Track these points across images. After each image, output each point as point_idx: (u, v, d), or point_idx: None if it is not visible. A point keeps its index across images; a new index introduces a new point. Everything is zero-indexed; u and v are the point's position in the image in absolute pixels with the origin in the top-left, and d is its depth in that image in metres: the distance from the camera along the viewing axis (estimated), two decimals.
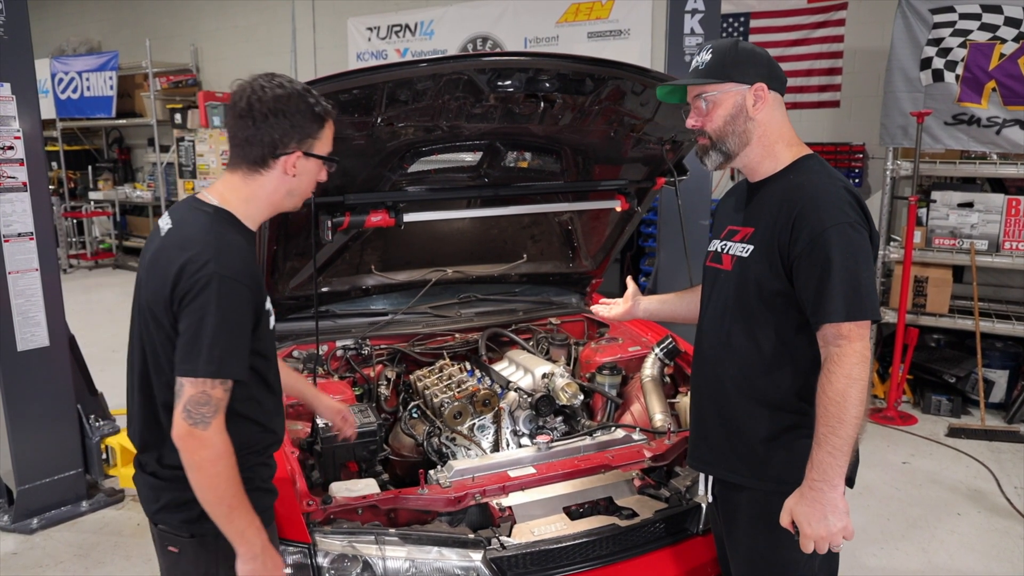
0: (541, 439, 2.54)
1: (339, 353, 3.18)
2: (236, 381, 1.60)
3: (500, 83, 2.33)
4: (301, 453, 2.49)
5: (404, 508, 2.23)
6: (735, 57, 1.81)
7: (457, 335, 3.36)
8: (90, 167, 11.98)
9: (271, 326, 1.80)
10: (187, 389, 1.53)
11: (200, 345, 1.53)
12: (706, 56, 1.84)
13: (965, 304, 5.48)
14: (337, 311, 3.32)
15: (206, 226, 1.64)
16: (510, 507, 2.24)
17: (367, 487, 2.28)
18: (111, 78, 10.77)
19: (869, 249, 1.72)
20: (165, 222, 1.72)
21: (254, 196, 1.72)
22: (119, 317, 8.14)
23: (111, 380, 6.25)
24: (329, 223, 2.54)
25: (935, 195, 5.32)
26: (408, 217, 2.73)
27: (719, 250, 1.96)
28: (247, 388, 1.69)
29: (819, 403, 1.66)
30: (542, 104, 2.51)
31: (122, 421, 4.29)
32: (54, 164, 11.94)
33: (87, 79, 10.99)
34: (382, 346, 3.26)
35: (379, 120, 2.33)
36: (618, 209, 3.08)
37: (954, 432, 4.96)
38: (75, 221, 11.11)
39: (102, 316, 8.21)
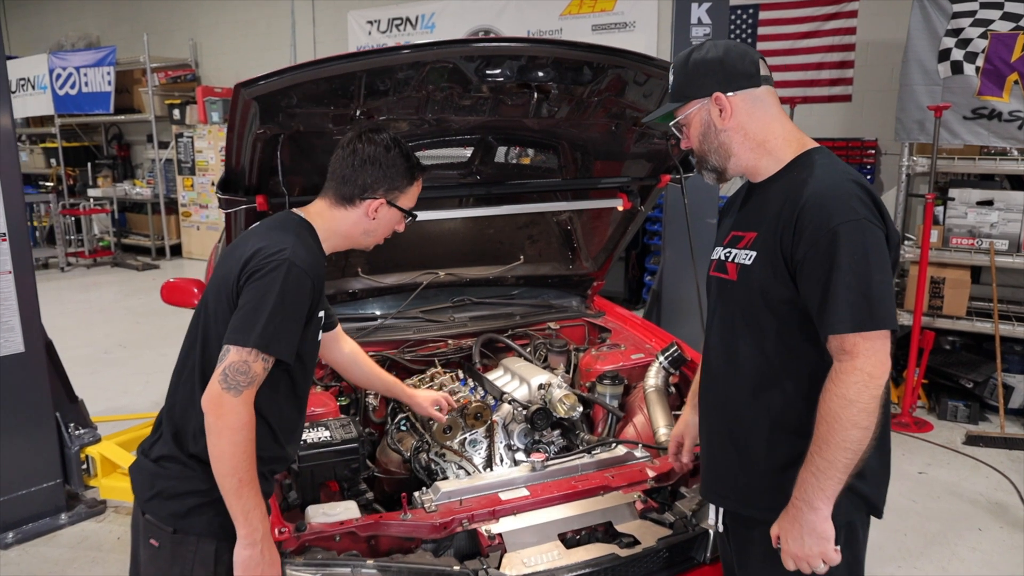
0: (536, 457, 2.36)
1: (324, 361, 3.00)
2: (276, 365, 1.68)
3: (490, 72, 2.14)
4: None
5: (385, 535, 2.06)
6: (687, 72, 1.72)
7: (450, 341, 3.19)
8: (89, 164, 11.92)
9: (318, 337, 1.90)
10: (231, 355, 1.62)
11: (258, 318, 1.63)
12: (671, 77, 1.77)
13: (984, 306, 5.27)
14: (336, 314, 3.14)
15: (289, 227, 1.82)
16: (500, 534, 2.08)
17: (346, 511, 2.11)
18: (109, 73, 10.68)
19: (884, 249, 1.54)
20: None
21: (334, 225, 1.89)
22: (115, 316, 8.02)
23: (103, 383, 6.14)
24: None
25: (953, 193, 5.11)
26: None
27: (723, 258, 1.80)
28: (275, 389, 1.74)
29: (816, 419, 1.53)
30: (536, 95, 2.32)
31: (104, 429, 4.14)
32: (53, 161, 11.90)
33: (85, 74, 10.89)
34: (370, 353, 3.07)
35: (358, 112, 2.14)
36: (620, 208, 2.89)
37: (972, 440, 4.76)
38: (73, 219, 10.97)
39: (98, 315, 8.07)
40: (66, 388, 3.86)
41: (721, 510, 1.85)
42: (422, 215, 2.70)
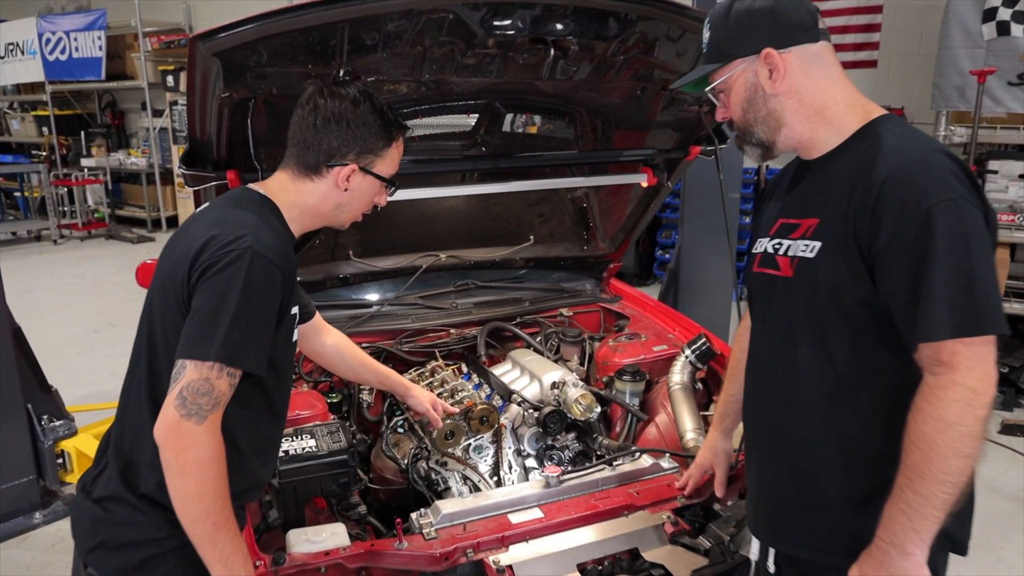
0: (550, 471, 2.07)
1: (304, 356, 2.71)
2: (245, 378, 1.40)
3: (498, 23, 1.80)
4: None
5: (378, 567, 1.78)
6: (729, 25, 1.44)
7: (452, 330, 2.89)
8: (83, 132, 11.58)
9: (293, 337, 1.62)
10: (188, 373, 1.33)
11: (217, 324, 1.34)
12: (705, 34, 1.49)
13: (1021, 286, 4.96)
14: (312, 302, 2.83)
15: (247, 207, 1.50)
16: (510, 566, 1.80)
17: (333, 537, 1.85)
18: (100, 38, 10.38)
19: (985, 234, 1.27)
20: (203, 206, 1.58)
21: (300, 201, 1.59)
22: (106, 291, 7.75)
23: (89, 364, 5.86)
24: None
25: (993, 165, 4.76)
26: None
27: (771, 251, 1.50)
28: (245, 406, 1.47)
29: (903, 445, 1.27)
30: (552, 52, 1.98)
31: (81, 419, 3.88)
32: (44, 129, 11.58)
33: (75, 39, 10.58)
34: (364, 344, 2.78)
35: (341, 72, 1.81)
36: (644, 185, 2.56)
37: (1008, 428, 4.50)
38: (66, 189, 10.65)
39: (89, 291, 7.80)
40: (38, 377, 3.58)
41: (772, 549, 1.56)
42: (420, 193, 2.40)
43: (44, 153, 11.40)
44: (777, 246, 1.50)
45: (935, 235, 1.21)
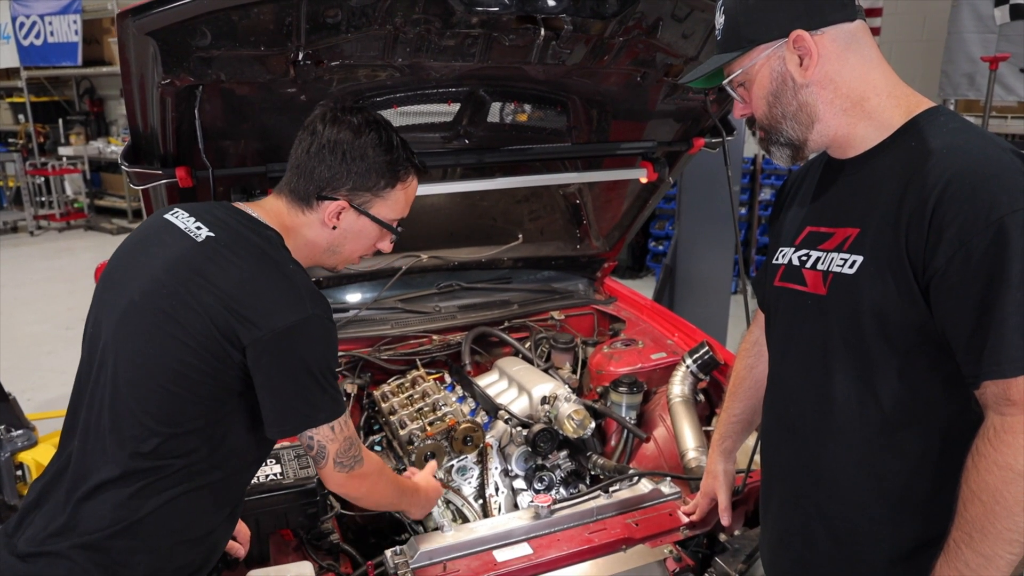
0: (540, 501, 1.86)
1: None
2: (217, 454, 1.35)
3: None
4: None
5: None
6: (749, 6, 1.23)
7: (435, 336, 2.68)
8: (60, 120, 11.27)
9: None
10: (330, 447, 1.40)
11: (324, 386, 1.35)
12: (719, 18, 1.28)
13: None
14: None
15: (276, 256, 1.36)
16: None
17: None
18: (75, 22, 10.06)
19: None
20: (191, 224, 1.38)
21: (299, 234, 1.45)
22: (83, 286, 7.47)
23: (59, 364, 5.59)
24: None
25: None
26: None
27: (796, 263, 1.31)
28: (213, 466, 1.35)
29: (960, 495, 1.10)
30: (543, 33, 1.76)
31: (44, 427, 3.65)
32: (21, 117, 11.26)
33: (50, 23, 10.26)
34: (339, 352, 2.57)
35: (300, 56, 1.58)
36: (643, 180, 2.35)
37: None
38: (43, 179, 10.34)
39: (62, 285, 7.53)
40: None
41: None
42: None
43: (20, 142, 11.13)
44: (804, 258, 1.30)
45: (1009, 251, 1.02)
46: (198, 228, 1.37)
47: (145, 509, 1.28)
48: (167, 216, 1.41)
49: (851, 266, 1.19)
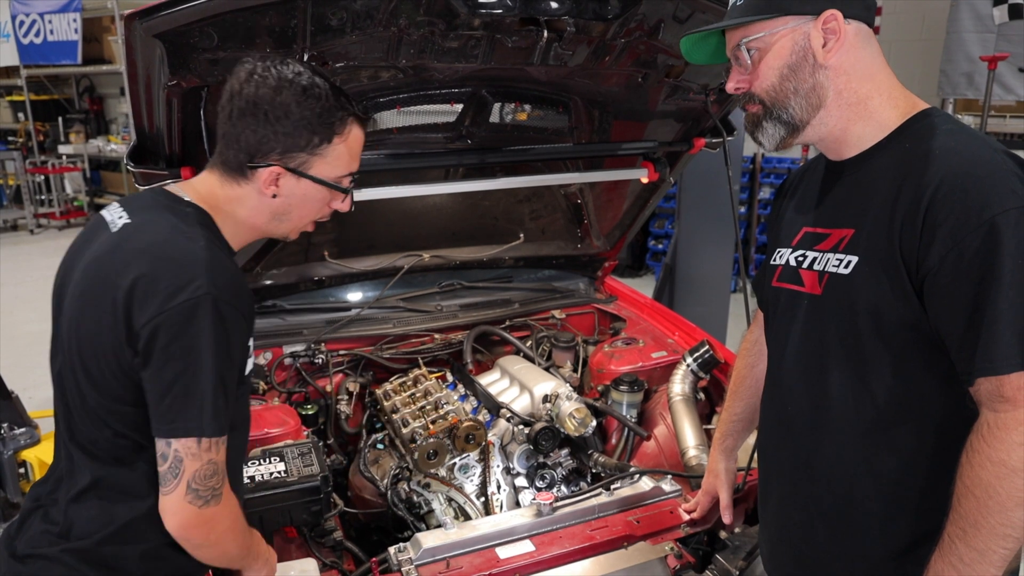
0: (542, 499, 1.88)
1: (287, 361, 2.51)
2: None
3: (484, 1, 1.59)
4: None
5: None
6: None
7: (437, 335, 2.69)
8: (60, 118, 11.26)
9: (248, 367, 1.33)
10: (187, 463, 1.18)
11: (200, 395, 1.16)
12: None
13: None
14: (286, 306, 2.63)
15: (187, 231, 1.24)
16: None
17: (303, 575, 1.65)
18: (75, 20, 10.03)
19: None
20: (116, 214, 1.31)
21: (232, 210, 1.33)
22: None
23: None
24: None
25: None
26: (361, 195, 2.01)
27: (793, 263, 1.33)
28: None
29: (955, 491, 1.12)
30: (545, 35, 1.77)
31: (46, 425, 3.66)
32: (20, 115, 11.24)
33: (50, 21, 10.23)
34: (341, 351, 2.59)
35: (304, 57, 1.60)
36: (644, 180, 2.36)
37: None
38: (43, 177, 10.34)
39: None
40: None
41: None
42: (398, 192, 2.19)
43: (20, 140, 11.11)
44: (801, 258, 1.32)
45: (1000, 250, 1.04)
46: (119, 218, 1.29)
47: (126, 515, 1.25)
48: (103, 212, 1.36)
49: (846, 266, 1.21)
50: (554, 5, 1.64)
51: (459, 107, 2.13)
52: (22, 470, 3.40)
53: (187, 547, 1.25)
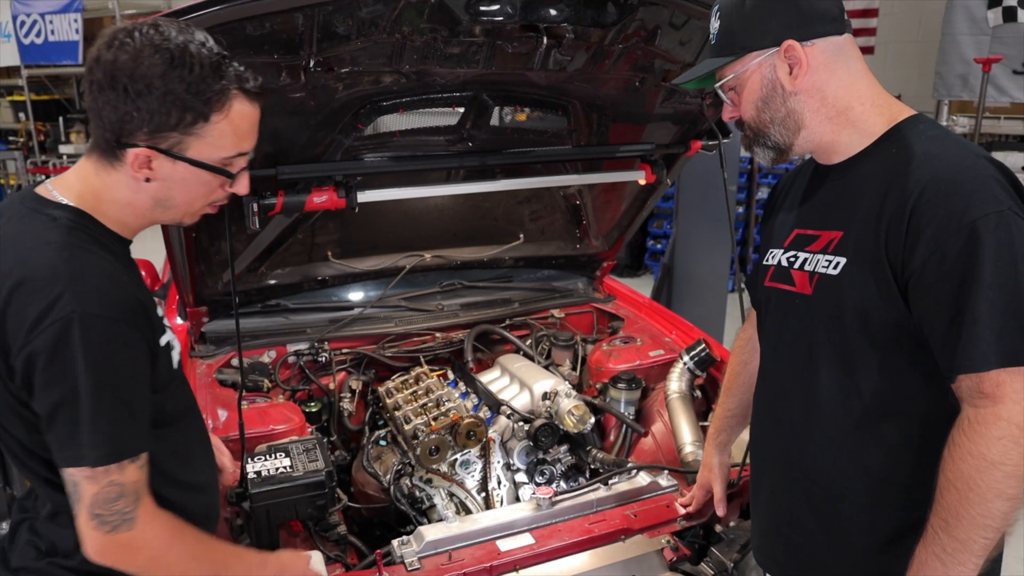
0: (542, 493, 1.93)
1: (291, 359, 2.56)
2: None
3: (485, 9, 1.64)
4: (228, 508, 1.89)
5: None
6: (744, 14, 1.29)
7: (438, 334, 2.73)
8: (61, 118, 11.26)
9: (173, 366, 1.28)
10: (85, 487, 1.12)
11: (80, 422, 1.09)
12: (714, 23, 1.34)
13: None
14: (290, 305, 2.68)
15: (49, 238, 1.13)
16: None
17: None
18: (76, 20, 10.05)
19: None
20: None
21: (112, 198, 1.20)
22: None
23: None
24: (255, 207, 1.87)
25: (996, 156, 4.62)
26: (364, 196, 2.06)
27: (784, 264, 1.37)
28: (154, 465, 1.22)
29: (937, 483, 1.16)
30: (545, 41, 1.82)
31: None
32: (21, 115, 11.25)
33: (50, 22, 10.25)
34: (344, 350, 2.63)
35: (311, 63, 1.64)
36: (642, 182, 2.41)
37: None
38: (44, 177, 10.37)
39: None
40: None
41: None
42: (398, 194, 2.23)
43: (20, 140, 11.12)
44: (792, 259, 1.36)
45: (981, 252, 1.08)
46: None
47: None
48: None
49: (835, 267, 1.26)
50: (553, 12, 1.69)
51: (460, 111, 2.17)
52: None
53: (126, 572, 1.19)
